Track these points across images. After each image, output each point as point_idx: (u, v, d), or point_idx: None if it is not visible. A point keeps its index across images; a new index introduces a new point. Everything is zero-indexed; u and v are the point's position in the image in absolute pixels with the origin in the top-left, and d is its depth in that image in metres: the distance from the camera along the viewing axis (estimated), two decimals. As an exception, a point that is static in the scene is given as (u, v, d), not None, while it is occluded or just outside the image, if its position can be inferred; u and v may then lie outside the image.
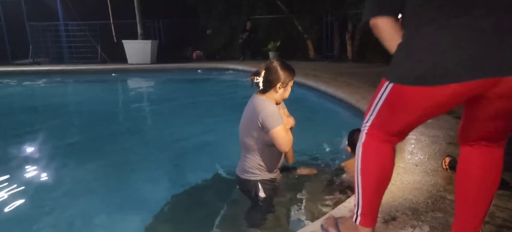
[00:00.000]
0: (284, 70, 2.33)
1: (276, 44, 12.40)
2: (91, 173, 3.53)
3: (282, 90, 2.35)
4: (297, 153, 2.81)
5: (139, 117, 6.34)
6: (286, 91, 2.38)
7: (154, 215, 2.58)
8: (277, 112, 2.31)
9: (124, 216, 2.65)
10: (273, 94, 2.35)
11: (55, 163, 3.86)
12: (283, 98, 2.41)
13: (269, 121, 2.26)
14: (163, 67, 11.51)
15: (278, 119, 2.28)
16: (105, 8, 12.44)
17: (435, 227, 1.68)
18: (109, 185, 3.24)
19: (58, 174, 3.55)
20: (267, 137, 2.32)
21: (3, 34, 12.46)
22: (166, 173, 3.49)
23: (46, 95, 8.89)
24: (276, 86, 2.33)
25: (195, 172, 3.31)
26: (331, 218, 1.72)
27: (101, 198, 2.88)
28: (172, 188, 3.01)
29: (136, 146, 4.48)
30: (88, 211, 2.71)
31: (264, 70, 2.35)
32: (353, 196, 2.02)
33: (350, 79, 6.90)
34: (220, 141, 4.36)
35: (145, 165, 3.77)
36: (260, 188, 2.44)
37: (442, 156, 2.50)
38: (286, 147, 2.34)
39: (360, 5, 11.02)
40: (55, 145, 4.49)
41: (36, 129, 5.34)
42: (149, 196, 2.93)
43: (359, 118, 4.56)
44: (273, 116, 2.28)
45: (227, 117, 5.18)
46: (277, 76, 2.32)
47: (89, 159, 3.96)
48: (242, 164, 2.51)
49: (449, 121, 3.55)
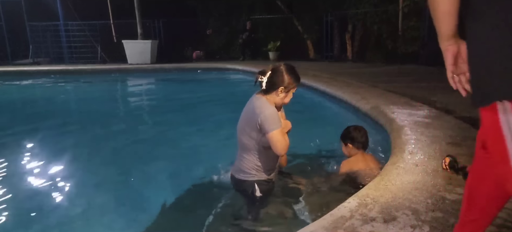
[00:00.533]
0: (289, 75, 2.31)
1: (276, 44, 12.40)
2: (91, 172, 3.53)
3: (283, 95, 2.32)
4: (297, 153, 2.81)
5: (138, 117, 6.34)
6: (287, 97, 2.36)
7: (152, 214, 2.58)
8: (276, 116, 2.30)
9: (123, 216, 2.65)
10: (274, 97, 2.34)
11: (55, 163, 3.85)
12: (284, 103, 2.39)
13: (267, 123, 2.25)
14: (163, 67, 11.51)
15: (276, 122, 2.28)
16: (105, 8, 12.44)
17: (435, 227, 1.68)
18: (108, 185, 3.24)
19: (57, 174, 3.55)
20: (264, 138, 2.31)
21: (3, 34, 12.45)
22: (165, 173, 3.49)
23: (46, 95, 8.89)
24: (279, 89, 2.31)
25: (194, 172, 3.31)
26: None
27: (100, 197, 2.88)
28: (171, 187, 3.01)
29: (136, 146, 4.48)
30: (88, 211, 2.71)
31: (270, 71, 2.33)
32: (352, 196, 2.02)
33: (350, 79, 6.90)
34: (220, 141, 4.36)
35: (144, 165, 3.77)
36: (256, 188, 2.45)
37: (442, 156, 2.49)
38: (282, 150, 2.34)
39: (360, 5, 11.04)
40: (54, 145, 4.49)
41: (35, 129, 5.33)
42: (147, 195, 2.94)
43: (359, 118, 4.58)
44: (272, 118, 2.26)
45: (227, 117, 5.18)
46: (282, 79, 2.30)
47: (89, 158, 3.96)
48: (239, 163, 2.50)
49: (449, 121, 3.55)
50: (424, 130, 3.22)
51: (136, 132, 5.25)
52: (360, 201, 1.93)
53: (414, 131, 3.21)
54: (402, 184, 2.15)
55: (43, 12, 12.71)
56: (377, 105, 4.35)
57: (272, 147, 2.29)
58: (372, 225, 1.70)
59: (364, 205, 1.89)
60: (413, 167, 2.41)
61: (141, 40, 11.91)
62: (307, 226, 1.74)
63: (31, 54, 12.73)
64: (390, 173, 2.31)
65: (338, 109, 5.42)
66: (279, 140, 2.28)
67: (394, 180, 2.19)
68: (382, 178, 2.24)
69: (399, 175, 2.28)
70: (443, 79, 1.30)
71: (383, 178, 2.23)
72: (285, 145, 2.33)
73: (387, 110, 4.02)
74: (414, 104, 4.34)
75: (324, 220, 1.78)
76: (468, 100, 1.19)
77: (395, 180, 2.20)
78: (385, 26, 10.45)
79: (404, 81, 6.49)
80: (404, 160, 2.53)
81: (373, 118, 4.16)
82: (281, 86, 2.30)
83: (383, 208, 1.85)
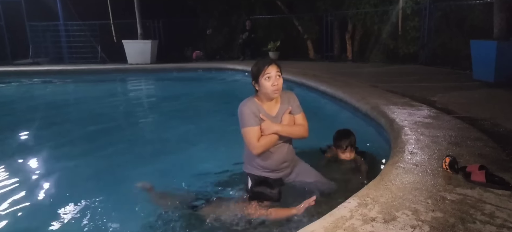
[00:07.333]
0: (253, 67, 2.48)
1: (276, 44, 12.40)
2: (90, 172, 3.53)
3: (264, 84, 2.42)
4: (297, 153, 2.81)
5: (138, 117, 6.34)
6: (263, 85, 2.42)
7: (152, 213, 2.58)
8: (247, 114, 2.43)
9: (123, 216, 2.65)
10: (260, 92, 2.48)
11: (54, 163, 3.86)
12: (268, 90, 2.42)
13: (240, 120, 2.46)
14: (163, 67, 11.51)
15: (247, 120, 2.41)
16: (105, 8, 12.44)
17: (435, 227, 1.68)
18: (108, 184, 3.24)
19: (57, 174, 3.55)
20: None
21: (3, 34, 12.46)
22: (165, 172, 3.50)
23: (45, 95, 8.89)
24: (255, 84, 2.47)
25: (194, 172, 3.31)
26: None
27: (100, 197, 2.88)
28: (171, 187, 3.01)
29: (136, 146, 4.48)
30: (87, 210, 2.70)
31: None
32: (352, 196, 2.02)
33: (350, 79, 6.90)
34: (219, 141, 4.37)
35: (144, 164, 3.77)
36: (249, 182, 2.48)
37: (442, 156, 2.49)
38: (253, 150, 2.44)
39: (360, 5, 11.04)
40: (54, 145, 4.48)
41: (35, 128, 5.34)
42: (147, 195, 2.92)
43: (359, 118, 4.58)
44: (242, 116, 2.44)
45: (227, 117, 5.18)
46: (251, 75, 2.49)
47: (89, 158, 3.96)
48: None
49: (449, 121, 3.55)
50: (424, 130, 3.21)
51: (136, 132, 5.25)
52: (360, 201, 1.93)
53: (414, 131, 3.21)
54: (402, 184, 2.15)
55: (43, 12, 12.71)
56: (377, 105, 4.35)
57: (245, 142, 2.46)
58: (372, 225, 1.69)
59: (364, 205, 1.89)
60: (413, 167, 2.41)
61: (141, 40, 11.91)
62: (307, 226, 1.74)
63: (31, 54, 12.73)
64: (390, 173, 2.31)
65: (338, 109, 5.42)
66: (248, 138, 2.43)
67: (394, 180, 2.19)
68: (382, 178, 2.24)
69: (399, 175, 2.27)
70: (443, 79, 1.31)
71: (383, 178, 2.23)
72: (256, 145, 2.43)
73: (387, 110, 4.02)
74: (414, 104, 4.34)
75: (324, 220, 1.77)
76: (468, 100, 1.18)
77: (395, 180, 2.20)
78: (385, 26, 10.45)
79: (404, 81, 6.49)
80: (404, 160, 2.53)
81: (373, 118, 4.16)
82: (253, 80, 2.47)
83: (383, 208, 1.85)
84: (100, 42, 12.90)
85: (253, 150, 2.43)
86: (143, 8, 11.90)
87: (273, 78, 2.40)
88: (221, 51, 13.96)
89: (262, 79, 2.40)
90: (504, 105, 4.46)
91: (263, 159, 2.54)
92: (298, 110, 2.62)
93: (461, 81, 6.17)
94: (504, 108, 4.27)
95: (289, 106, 2.58)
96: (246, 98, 2.55)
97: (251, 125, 2.41)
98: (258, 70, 2.42)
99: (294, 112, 2.60)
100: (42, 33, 13.17)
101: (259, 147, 2.43)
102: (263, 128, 2.44)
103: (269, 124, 2.47)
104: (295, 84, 7.26)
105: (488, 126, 3.46)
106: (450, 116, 3.79)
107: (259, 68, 2.41)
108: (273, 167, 2.58)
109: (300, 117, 2.61)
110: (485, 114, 3.87)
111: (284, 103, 2.59)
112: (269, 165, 2.56)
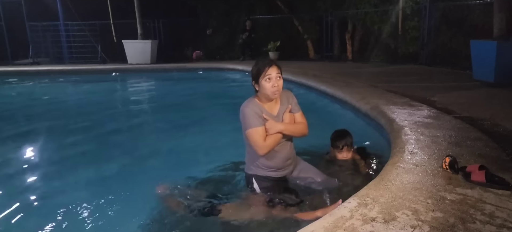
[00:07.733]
0: (253, 67, 2.46)
1: (276, 44, 12.40)
2: (90, 172, 3.53)
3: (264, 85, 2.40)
4: (297, 153, 2.81)
5: (139, 117, 6.34)
6: (263, 87, 2.41)
7: (152, 213, 2.58)
8: (251, 115, 2.40)
9: (123, 215, 2.65)
10: (260, 93, 2.46)
11: (54, 163, 3.86)
12: (268, 91, 2.41)
13: (243, 122, 2.42)
14: (163, 67, 11.51)
15: (251, 121, 2.38)
16: (105, 8, 12.44)
17: (435, 227, 1.68)
18: (108, 184, 3.23)
19: (57, 174, 3.55)
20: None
21: (3, 34, 12.45)
22: (165, 172, 3.49)
23: (46, 95, 8.88)
24: (255, 85, 2.45)
25: (194, 171, 3.30)
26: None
27: (100, 197, 2.88)
28: (171, 186, 3.00)
29: (136, 145, 4.48)
30: (87, 210, 2.70)
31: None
32: (352, 196, 2.02)
33: (350, 79, 6.90)
34: (219, 140, 4.36)
35: (144, 164, 3.77)
36: (254, 183, 2.47)
37: (442, 156, 2.50)
38: (259, 150, 2.42)
39: (360, 5, 11.04)
40: (54, 145, 4.49)
41: (35, 129, 5.34)
42: (147, 195, 2.92)
43: (359, 118, 4.58)
44: (246, 117, 2.41)
45: (227, 117, 5.18)
46: (251, 75, 2.47)
47: (89, 158, 3.96)
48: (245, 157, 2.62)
49: (449, 121, 3.55)
50: (424, 130, 3.21)
51: (136, 132, 5.25)
52: (360, 201, 1.93)
53: (414, 131, 3.21)
54: (402, 184, 2.15)
55: (43, 12, 12.71)
56: (377, 105, 4.35)
57: (250, 144, 2.42)
58: (372, 225, 1.70)
59: (364, 205, 1.89)
60: (413, 167, 2.41)
61: (141, 40, 11.91)
62: (307, 226, 1.74)
63: (31, 54, 12.72)
64: (390, 173, 2.31)
65: (338, 109, 5.42)
66: (254, 139, 2.39)
67: (394, 180, 2.19)
68: (382, 178, 2.24)
69: (399, 175, 2.28)
70: (443, 79, 1.31)
71: (383, 178, 2.23)
72: (263, 146, 2.41)
73: (387, 110, 4.02)
74: (414, 104, 4.34)
75: (324, 220, 1.78)
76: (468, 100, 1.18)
77: (395, 180, 2.20)
78: (385, 26, 10.45)
79: (404, 81, 6.49)
80: (404, 160, 2.53)
81: (373, 118, 4.16)
82: (253, 81, 2.45)
83: (383, 208, 1.85)
84: (100, 42, 12.89)
85: (259, 151, 2.41)
86: (143, 8, 11.90)
87: (274, 79, 2.40)
88: (221, 51, 13.96)
89: (262, 80, 2.40)
90: (504, 105, 4.46)
91: (268, 158, 2.53)
92: (297, 109, 2.64)
93: (461, 81, 6.17)
94: (504, 108, 4.27)
95: (289, 105, 2.59)
96: (246, 99, 2.55)
97: (256, 126, 2.39)
98: (258, 71, 2.40)
99: (294, 111, 2.62)
100: (42, 33, 13.16)
101: (266, 147, 2.43)
102: (268, 128, 2.44)
103: (273, 123, 2.48)
104: (295, 84, 7.26)
105: (488, 126, 3.46)
106: (450, 115, 3.79)
107: (260, 69, 2.40)
108: (279, 166, 2.58)
109: (300, 115, 2.64)
110: (485, 114, 3.87)
111: (283, 103, 2.60)
112: (275, 164, 2.56)
